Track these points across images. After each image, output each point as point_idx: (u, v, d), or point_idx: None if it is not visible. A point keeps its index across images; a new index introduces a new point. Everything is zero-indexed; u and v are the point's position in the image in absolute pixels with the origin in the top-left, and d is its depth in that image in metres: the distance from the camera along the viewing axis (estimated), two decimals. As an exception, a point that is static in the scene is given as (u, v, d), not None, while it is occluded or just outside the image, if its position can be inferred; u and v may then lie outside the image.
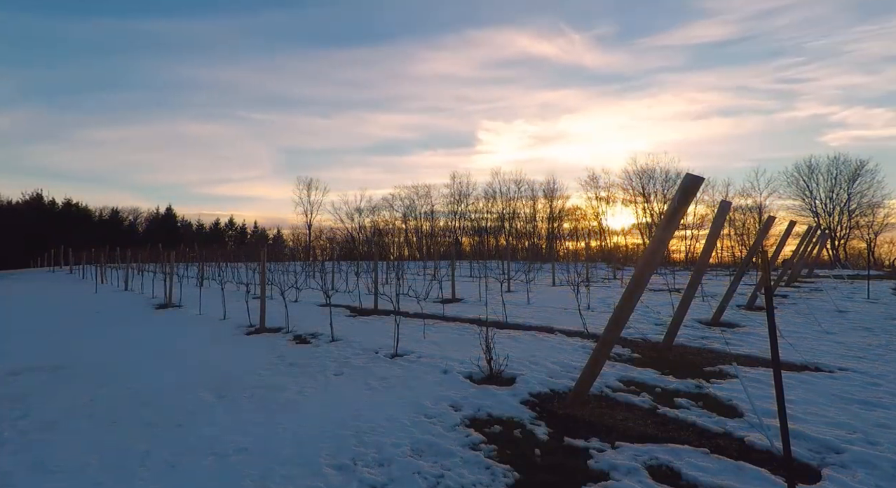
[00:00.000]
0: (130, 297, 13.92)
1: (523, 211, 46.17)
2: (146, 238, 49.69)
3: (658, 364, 5.31)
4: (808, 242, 14.80)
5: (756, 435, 3.28)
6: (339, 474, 2.87)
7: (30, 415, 4.01)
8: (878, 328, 7.45)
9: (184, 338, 7.36)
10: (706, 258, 6.65)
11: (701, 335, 6.95)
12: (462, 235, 47.50)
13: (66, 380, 5.06)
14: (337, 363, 5.45)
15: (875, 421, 3.55)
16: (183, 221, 64.39)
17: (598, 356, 3.89)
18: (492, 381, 4.62)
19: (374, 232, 49.71)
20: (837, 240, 37.31)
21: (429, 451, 3.16)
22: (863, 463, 2.89)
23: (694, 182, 3.48)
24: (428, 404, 4.00)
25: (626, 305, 3.75)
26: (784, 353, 5.17)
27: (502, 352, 5.10)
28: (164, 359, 5.94)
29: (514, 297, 11.49)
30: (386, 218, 50.41)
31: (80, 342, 7.21)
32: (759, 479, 2.74)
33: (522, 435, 3.43)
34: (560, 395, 4.23)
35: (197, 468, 2.99)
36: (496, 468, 2.92)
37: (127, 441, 3.41)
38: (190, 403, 4.21)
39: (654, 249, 3.78)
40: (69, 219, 51.13)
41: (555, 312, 9.23)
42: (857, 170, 36.24)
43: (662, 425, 3.57)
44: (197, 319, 9.26)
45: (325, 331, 7.05)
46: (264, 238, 63.84)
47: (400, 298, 6.80)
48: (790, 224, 10.58)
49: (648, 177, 41.04)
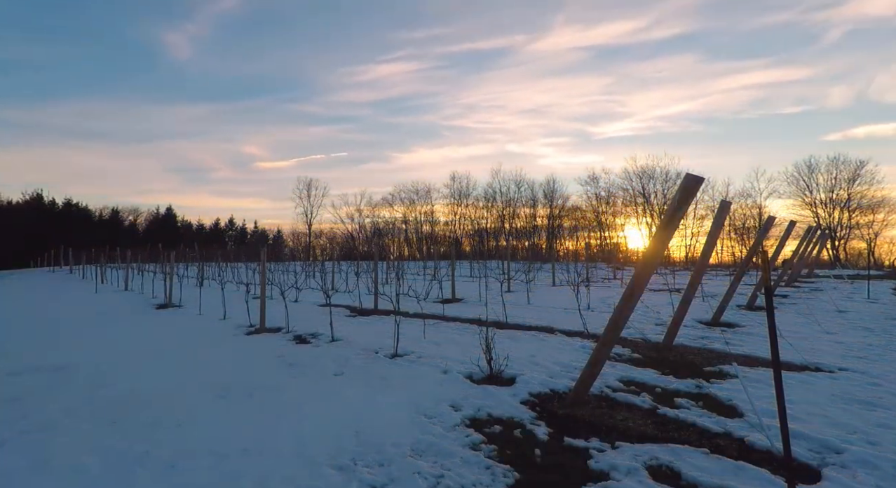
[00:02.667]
0: (130, 297, 13.91)
1: (523, 211, 46.25)
2: (146, 238, 49.72)
3: (658, 364, 5.31)
4: (808, 242, 14.80)
5: (756, 435, 3.28)
6: (339, 474, 2.87)
7: (30, 416, 4.00)
8: (878, 328, 7.45)
9: (184, 338, 7.36)
10: (706, 258, 6.65)
11: (701, 335, 6.95)
12: (462, 235, 47.52)
13: (65, 380, 5.06)
14: (337, 363, 5.45)
15: (875, 421, 3.55)
16: (183, 221, 64.46)
17: (598, 356, 3.89)
18: (492, 381, 4.62)
19: (374, 232, 49.72)
20: (837, 240, 37.31)
21: (429, 451, 3.16)
22: (863, 463, 2.89)
23: (694, 182, 3.49)
24: (428, 404, 4.00)
25: (626, 305, 3.75)
26: (784, 353, 5.17)
27: (502, 352, 5.10)
28: (164, 359, 5.94)
29: (514, 297, 11.48)
30: (386, 217, 50.48)
31: (80, 342, 7.21)
32: (759, 479, 2.74)
33: (522, 435, 3.43)
34: (560, 395, 4.23)
35: (197, 468, 2.98)
36: (496, 468, 2.91)
37: (127, 441, 3.40)
38: (190, 403, 4.20)
39: (654, 249, 3.78)
40: (69, 219, 51.14)
41: (555, 312, 9.23)
42: (857, 170, 36.27)
43: (662, 425, 3.57)
44: (197, 319, 9.26)
45: (326, 331, 7.05)
46: (264, 238, 63.87)
47: (400, 298, 6.80)
48: (790, 224, 10.58)
49: (648, 177, 41.10)
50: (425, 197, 48.78)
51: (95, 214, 57.00)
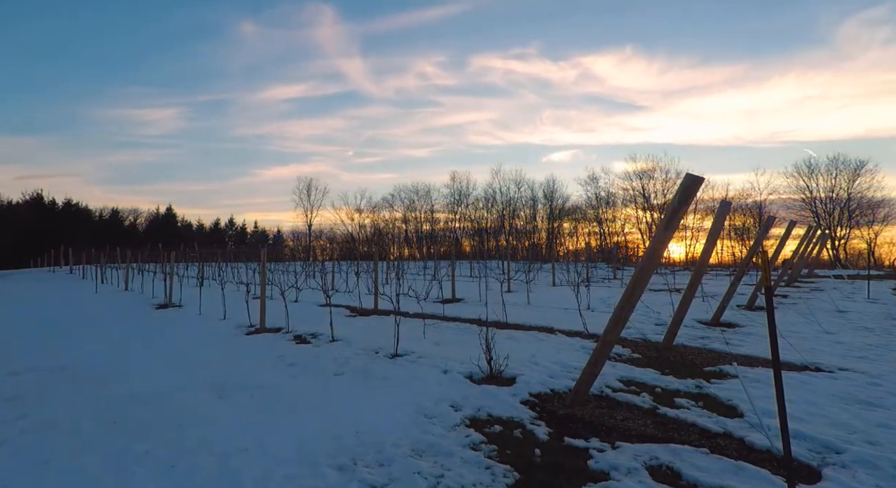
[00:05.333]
0: (130, 297, 13.91)
1: (523, 211, 46.29)
2: (146, 238, 49.76)
3: (658, 364, 5.31)
4: (808, 242, 14.81)
5: (756, 435, 3.28)
6: (339, 474, 2.87)
7: (30, 415, 4.01)
8: (878, 328, 7.45)
9: (184, 338, 7.36)
10: (706, 258, 6.65)
11: (701, 335, 6.95)
12: (462, 235, 47.55)
13: (65, 380, 5.06)
14: (337, 363, 5.45)
15: (875, 421, 3.55)
16: (183, 221, 64.47)
17: (599, 356, 3.89)
18: (492, 381, 4.62)
19: (374, 232, 49.76)
20: (837, 240, 37.31)
21: (429, 451, 3.16)
22: (863, 463, 2.89)
23: (694, 182, 3.49)
24: (428, 404, 4.00)
25: (626, 305, 3.75)
26: (784, 353, 5.17)
27: (502, 352, 5.10)
28: (164, 359, 5.94)
29: (514, 297, 11.49)
30: (385, 217, 50.52)
31: (79, 342, 7.20)
32: (759, 479, 2.74)
33: (523, 435, 3.43)
34: (560, 395, 4.23)
35: (197, 468, 2.98)
36: (496, 468, 2.91)
37: (127, 441, 3.40)
38: (190, 403, 4.20)
39: (654, 249, 3.78)
40: (69, 219, 51.15)
41: (555, 312, 9.23)
42: (857, 170, 36.27)
43: (663, 425, 3.57)
44: (197, 319, 9.26)
45: (325, 331, 7.05)
46: (264, 238, 63.92)
47: (400, 298, 6.80)
48: (790, 224, 10.59)
49: (648, 178, 41.11)
50: (425, 197, 48.86)
51: (95, 214, 57.02)
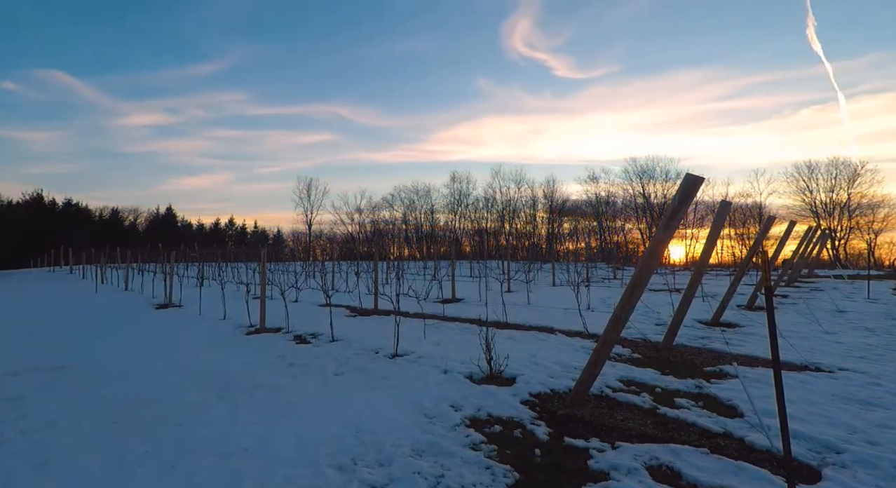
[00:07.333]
0: (130, 297, 13.91)
1: (523, 211, 46.30)
2: (146, 238, 49.76)
3: (658, 364, 5.31)
4: (808, 242, 14.81)
5: (756, 435, 3.28)
6: (340, 474, 2.87)
7: (30, 415, 4.01)
8: (878, 328, 7.45)
9: (184, 338, 7.36)
10: (706, 258, 6.65)
11: (701, 335, 6.95)
12: (462, 235, 47.56)
13: (66, 380, 5.06)
14: (337, 363, 5.45)
15: (875, 421, 3.55)
16: (183, 221, 64.47)
17: (599, 356, 3.89)
18: (492, 381, 4.62)
19: (374, 232, 49.76)
20: (837, 240, 37.32)
21: (429, 451, 3.16)
22: (863, 463, 2.89)
23: (694, 182, 3.49)
24: (428, 404, 4.00)
25: (626, 305, 3.75)
26: (784, 353, 5.18)
27: (502, 352, 5.10)
28: (164, 359, 5.94)
29: (514, 297, 11.49)
30: (385, 217, 50.53)
31: (80, 342, 7.20)
32: (759, 479, 2.74)
33: (523, 435, 3.43)
34: (560, 395, 4.23)
35: (197, 468, 2.98)
36: (496, 468, 2.91)
37: (127, 441, 3.40)
38: (190, 403, 4.20)
39: (653, 249, 3.78)
40: (69, 219, 51.15)
41: (555, 312, 9.23)
42: (856, 171, 36.29)
43: (663, 425, 3.57)
44: (197, 319, 9.26)
45: (326, 331, 7.05)
46: (264, 238, 63.90)
47: (400, 298, 6.81)
48: (790, 224, 10.59)
49: (648, 177, 41.12)
50: (425, 197, 48.88)
51: (95, 214, 57.02)
